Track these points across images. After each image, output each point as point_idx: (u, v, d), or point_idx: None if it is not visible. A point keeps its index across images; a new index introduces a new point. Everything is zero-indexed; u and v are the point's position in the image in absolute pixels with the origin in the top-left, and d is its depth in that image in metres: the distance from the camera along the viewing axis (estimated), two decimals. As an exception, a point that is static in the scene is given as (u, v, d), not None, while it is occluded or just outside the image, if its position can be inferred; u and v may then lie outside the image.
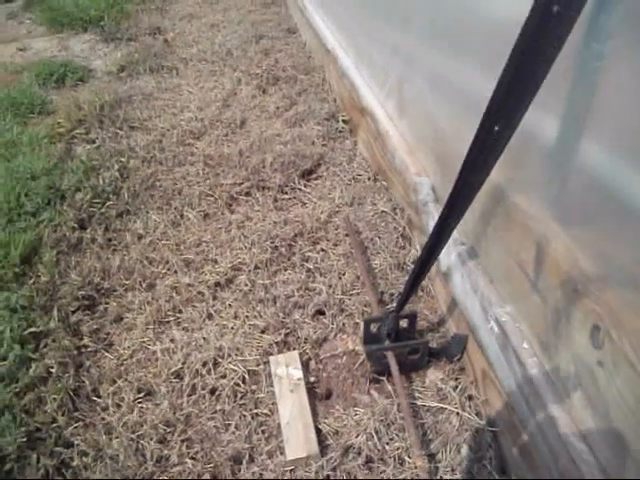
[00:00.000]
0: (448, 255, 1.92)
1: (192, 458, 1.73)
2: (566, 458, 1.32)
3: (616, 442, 1.22)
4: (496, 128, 1.23)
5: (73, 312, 2.22)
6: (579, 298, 1.31)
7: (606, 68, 1.12)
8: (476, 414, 1.77)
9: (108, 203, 2.77)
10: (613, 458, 1.25)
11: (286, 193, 2.83)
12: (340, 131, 3.33)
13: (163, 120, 3.54)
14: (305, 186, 2.87)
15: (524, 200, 1.55)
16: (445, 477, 1.62)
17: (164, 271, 2.39)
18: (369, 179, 2.89)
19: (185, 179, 2.96)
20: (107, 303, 2.27)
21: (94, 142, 3.33)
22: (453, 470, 1.65)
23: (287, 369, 1.90)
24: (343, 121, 3.38)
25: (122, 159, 3.10)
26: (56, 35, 5.25)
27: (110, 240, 2.59)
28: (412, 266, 2.27)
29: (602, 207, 1.22)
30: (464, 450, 1.68)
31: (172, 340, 2.08)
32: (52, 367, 1.99)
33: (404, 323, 1.91)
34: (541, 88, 1.14)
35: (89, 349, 2.08)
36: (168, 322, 2.17)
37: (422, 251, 1.62)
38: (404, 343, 1.85)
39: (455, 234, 1.92)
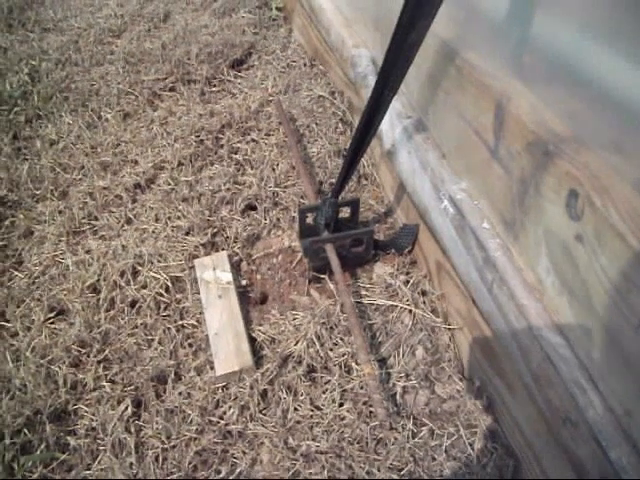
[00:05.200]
0: (392, 131, 1.60)
1: (111, 381, 1.46)
2: (539, 355, 1.05)
3: (598, 331, 0.95)
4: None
5: (-26, 231, 1.90)
6: (551, 161, 1.01)
7: None
8: (431, 311, 1.50)
9: (16, 109, 2.39)
10: (595, 351, 0.98)
11: (214, 85, 2.47)
12: (274, 19, 2.95)
13: (79, 20, 3.08)
14: (235, 77, 2.51)
15: (478, 56, 1.24)
16: (399, 383, 1.35)
17: (79, 177, 2.06)
18: (305, 65, 2.54)
19: (103, 79, 2.58)
20: (14, 216, 1.95)
21: (0, 47, 2.87)
22: (407, 376, 1.39)
23: (214, 272, 1.60)
24: (277, 8, 2.99)
25: (33, 62, 2.69)
26: None
27: (19, 149, 2.23)
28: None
29: (567, 69, 0.96)
30: (419, 352, 1.42)
31: (88, 251, 1.78)
32: (-52, 293, 1.67)
33: (346, 213, 1.61)
34: None
35: (-5, 270, 1.77)
36: (83, 232, 1.86)
37: (358, 124, 1.31)
38: (345, 233, 1.55)
39: (399, 107, 1.61)
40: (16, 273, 1.75)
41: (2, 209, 1.95)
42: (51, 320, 1.60)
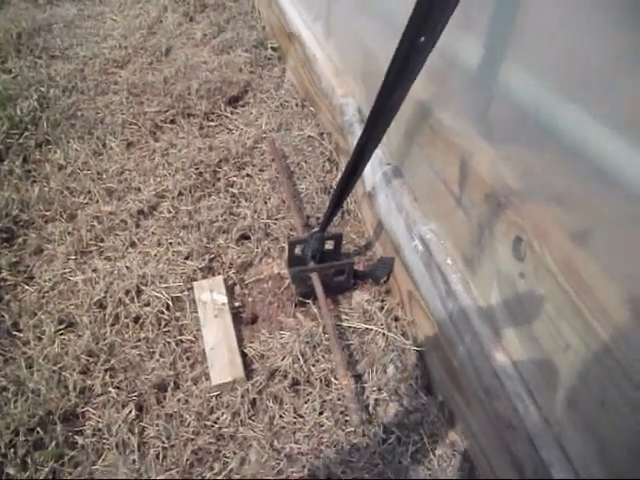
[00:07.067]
0: (373, 175, 1.84)
1: (116, 387, 1.64)
2: (489, 373, 1.28)
3: (537, 354, 1.18)
4: (422, 39, 1.15)
5: (-11, 246, 2.06)
6: (502, 211, 1.25)
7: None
8: (402, 334, 1.72)
9: (26, 134, 2.56)
10: (535, 370, 1.21)
11: (212, 120, 2.68)
12: (269, 58, 3.16)
13: (85, 49, 3.27)
14: (232, 113, 2.72)
15: (448, 116, 1.47)
16: (372, 396, 1.57)
17: (85, 201, 2.24)
18: (297, 105, 2.76)
19: (108, 108, 2.76)
20: (26, 235, 2.11)
21: (10, 72, 3.05)
22: (380, 390, 1.60)
23: (211, 294, 1.81)
24: (272, 48, 3.21)
25: (41, 88, 2.86)
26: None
27: (29, 172, 2.40)
28: (337, 188, 2.19)
29: (525, 125, 1.16)
30: (390, 370, 1.64)
31: (94, 270, 1.95)
32: (-33, 304, 1.84)
33: (329, 245, 1.83)
34: (465, 7, 1.07)
35: (8, 283, 1.94)
36: (90, 252, 2.03)
37: (345, 169, 1.53)
38: (329, 264, 1.78)
39: (380, 154, 1.84)
40: (27, 287, 1.92)
41: (15, 227, 2.11)
42: (61, 331, 1.77)
